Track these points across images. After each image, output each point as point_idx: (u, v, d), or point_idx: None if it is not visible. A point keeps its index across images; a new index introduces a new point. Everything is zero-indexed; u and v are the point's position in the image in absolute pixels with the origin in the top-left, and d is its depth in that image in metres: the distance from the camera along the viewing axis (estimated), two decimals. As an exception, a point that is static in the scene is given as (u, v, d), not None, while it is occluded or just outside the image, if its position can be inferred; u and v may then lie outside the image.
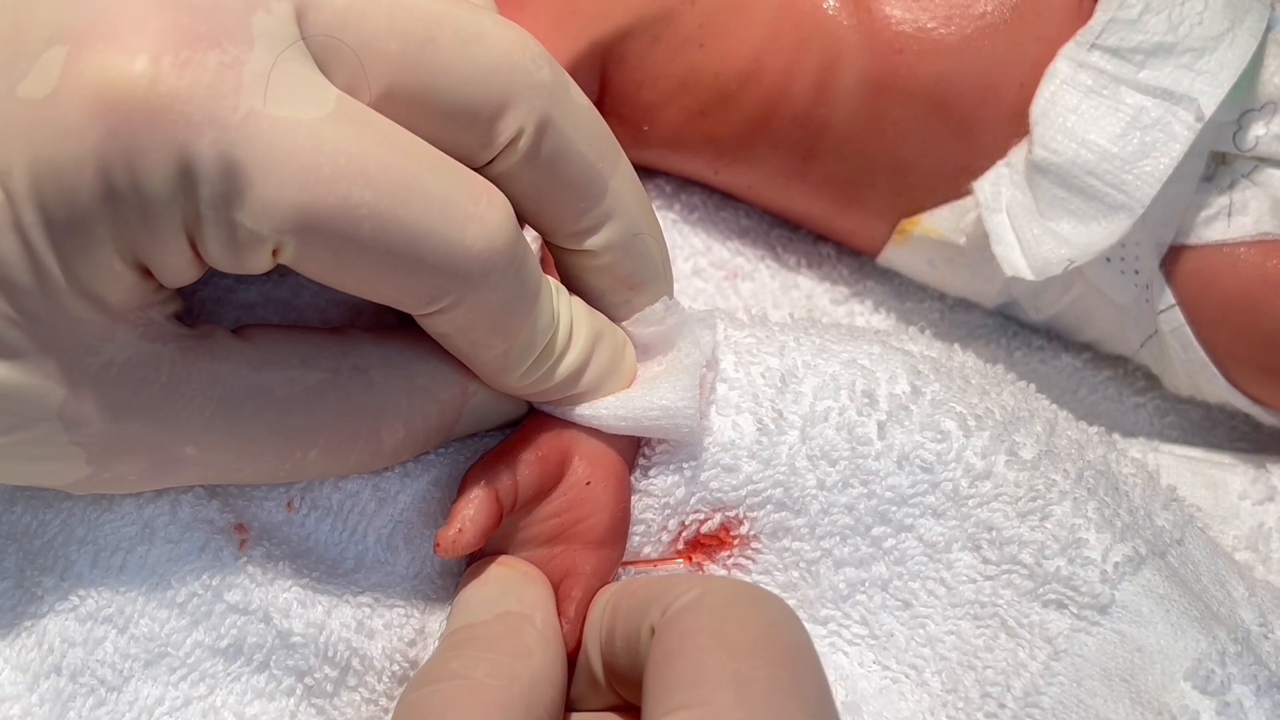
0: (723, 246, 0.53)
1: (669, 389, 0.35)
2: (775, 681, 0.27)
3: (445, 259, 0.29)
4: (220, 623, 0.33)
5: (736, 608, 0.29)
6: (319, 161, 0.27)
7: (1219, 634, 0.35)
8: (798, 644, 0.29)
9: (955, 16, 0.46)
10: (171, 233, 0.27)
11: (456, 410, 0.34)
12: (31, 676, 0.32)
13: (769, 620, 0.29)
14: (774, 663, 0.28)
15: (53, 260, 0.27)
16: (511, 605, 0.33)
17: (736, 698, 0.27)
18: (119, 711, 0.32)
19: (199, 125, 0.26)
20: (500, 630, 0.32)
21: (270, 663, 0.33)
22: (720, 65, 0.48)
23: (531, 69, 0.31)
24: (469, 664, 0.31)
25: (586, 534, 0.35)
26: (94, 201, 0.26)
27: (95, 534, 0.33)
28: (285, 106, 0.27)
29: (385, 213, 0.28)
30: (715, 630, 0.29)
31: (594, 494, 0.35)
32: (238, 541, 0.33)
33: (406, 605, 0.35)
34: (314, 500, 0.35)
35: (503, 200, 0.30)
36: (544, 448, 0.35)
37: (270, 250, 0.28)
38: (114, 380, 0.29)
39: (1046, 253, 0.44)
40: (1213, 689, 0.33)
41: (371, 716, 0.34)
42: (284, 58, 0.27)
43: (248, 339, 0.32)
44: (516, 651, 0.32)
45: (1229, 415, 0.52)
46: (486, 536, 0.34)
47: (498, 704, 0.30)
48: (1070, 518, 0.35)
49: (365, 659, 0.34)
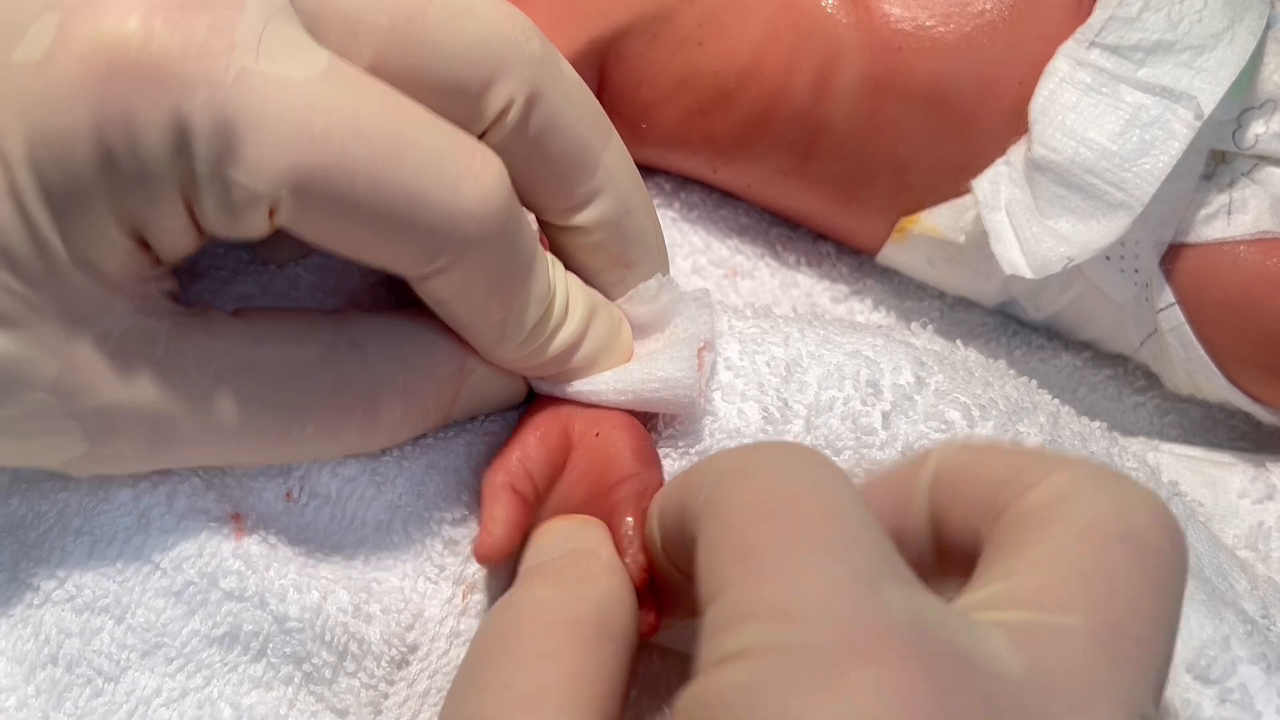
0: (722, 245, 0.53)
1: (667, 361, 0.35)
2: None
3: (440, 216, 0.29)
4: (216, 610, 0.33)
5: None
6: (312, 118, 0.27)
7: (1227, 615, 0.34)
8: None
9: (954, 15, 0.46)
10: (168, 196, 0.27)
11: (454, 387, 0.34)
12: (28, 667, 0.32)
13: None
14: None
15: (50, 227, 0.27)
16: (577, 544, 0.33)
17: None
18: (116, 702, 0.32)
19: (192, 84, 0.26)
20: (565, 562, 0.32)
21: (267, 650, 0.33)
22: (719, 64, 0.48)
23: (521, 40, 0.31)
24: (535, 589, 0.31)
25: (617, 474, 0.35)
26: (90, 165, 0.26)
27: (91, 524, 0.33)
28: (278, 65, 0.27)
29: (379, 169, 0.28)
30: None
31: (605, 441, 0.35)
32: (234, 530, 0.33)
33: (404, 591, 0.35)
34: (313, 489, 0.35)
35: (496, 160, 0.30)
36: (543, 427, 0.35)
37: (267, 211, 0.28)
38: (110, 352, 0.29)
39: (1046, 251, 0.44)
40: (1215, 676, 0.33)
41: (371, 702, 0.34)
42: (275, 20, 0.27)
43: (243, 318, 0.32)
44: (581, 577, 0.31)
45: (1229, 414, 0.52)
46: (521, 532, 0.33)
47: (565, 620, 0.30)
48: None
49: (363, 643, 0.34)
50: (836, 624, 0.22)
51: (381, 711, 0.34)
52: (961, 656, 0.23)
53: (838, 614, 0.23)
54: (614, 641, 0.30)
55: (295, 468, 0.35)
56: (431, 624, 0.35)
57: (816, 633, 0.22)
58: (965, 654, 0.23)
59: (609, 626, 0.30)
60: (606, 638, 0.30)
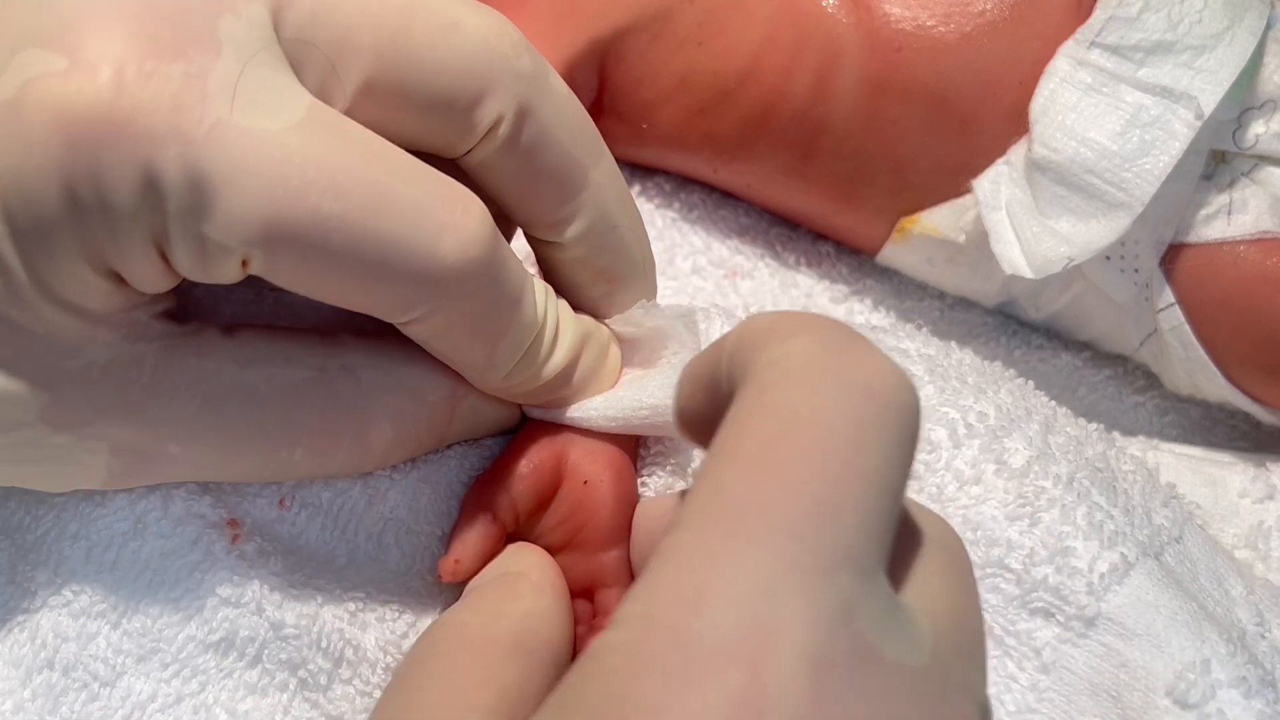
0: (722, 245, 0.53)
1: (656, 388, 0.35)
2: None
3: (418, 270, 0.28)
4: (212, 616, 0.33)
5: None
6: (287, 173, 0.26)
7: (1210, 636, 0.34)
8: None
9: (954, 14, 0.46)
10: (140, 245, 0.27)
11: (447, 413, 0.34)
12: (24, 671, 0.32)
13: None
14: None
15: (20, 267, 0.27)
16: (509, 568, 0.33)
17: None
18: (111, 707, 0.32)
19: (163, 138, 0.25)
20: (493, 585, 0.33)
21: (263, 656, 0.33)
22: (719, 63, 0.48)
23: (510, 56, 0.31)
24: (458, 613, 0.31)
25: (593, 536, 0.35)
26: (58, 213, 0.26)
27: (88, 529, 0.33)
28: (253, 115, 0.26)
29: (356, 224, 0.27)
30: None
31: (593, 494, 0.35)
32: (230, 536, 0.33)
33: (398, 600, 0.35)
34: (304, 499, 0.35)
35: (479, 207, 0.30)
36: (536, 458, 0.35)
37: (239, 262, 0.27)
38: (95, 382, 0.29)
39: (1046, 251, 0.44)
40: (1194, 700, 0.33)
41: (365, 709, 0.34)
42: (253, 63, 0.27)
43: (235, 337, 0.32)
44: (506, 597, 0.31)
45: (1229, 414, 0.52)
46: (486, 561, 0.34)
47: (482, 637, 0.30)
48: (1059, 525, 0.35)
49: (359, 649, 0.34)
50: (738, 626, 0.22)
51: None
52: (866, 657, 0.22)
53: (740, 619, 0.22)
54: (532, 654, 0.30)
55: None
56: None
57: (713, 628, 0.22)
58: (874, 651, 0.22)
59: (528, 639, 0.30)
60: (524, 650, 0.30)
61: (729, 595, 0.22)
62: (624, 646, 0.22)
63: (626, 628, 0.22)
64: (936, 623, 0.25)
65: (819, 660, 0.21)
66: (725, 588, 0.22)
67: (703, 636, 0.21)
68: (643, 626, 0.22)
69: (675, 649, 0.21)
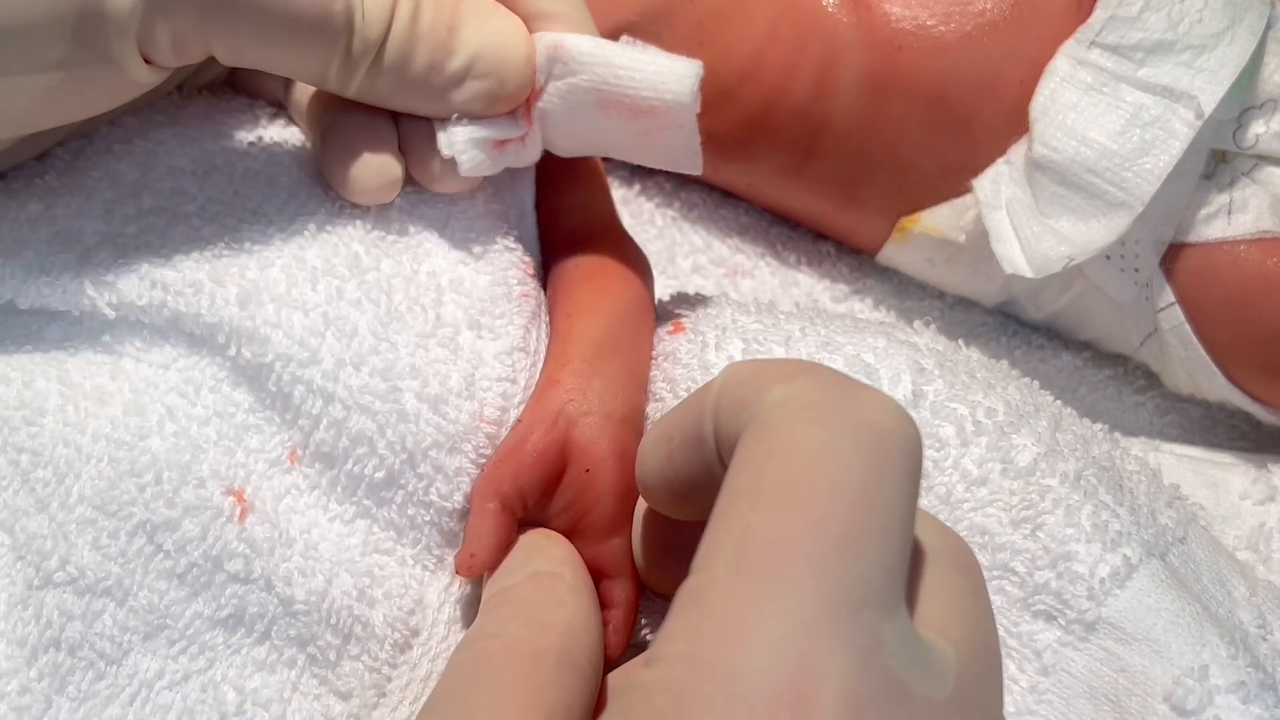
0: (722, 244, 0.53)
1: (663, 57, 0.35)
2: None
3: None
4: (220, 593, 0.32)
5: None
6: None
7: (1210, 639, 0.34)
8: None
9: (955, 14, 0.46)
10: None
11: None
12: (30, 650, 0.31)
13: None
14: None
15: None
16: (540, 565, 0.33)
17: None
18: (118, 685, 0.32)
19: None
20: (531, 588, 0.32)
21: (271, 633, 0.33)
22: (720, 63, 0.48)
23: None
24: (502, 623, 0.31)
25: (596, 523, 0.35)
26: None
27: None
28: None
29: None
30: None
31: (594, 481, 0.35)
32: (238, 512, 0.33)
33: (405, 577, 0.35)
34: (315, 455, 0.34)
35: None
36: (540, 444, 0.35)
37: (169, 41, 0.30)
38: None
39: (1046, 250, 0.44)
40: (1191, 707, 0.33)
41: (375, 685, 0.34)
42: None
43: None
44: (548, 605, 0.31)
45: (1229, 414, 0.52)
46: (502, 551, 0.34)
47: (529, 654, 0.30)
48: (1062, 528, 0.35)
49: (367, 626, 0.34)
50: (782, 668, 0.22)
51: (386, 694, 0.34)
52: (896, 692, 0.23)
53: (784, 660, 0.22)
54: (577, 669, 0.30)
55: (293, 432, 0.34)
56: (431, 609, 0.35)
57: (756, 670, 0.22)
58: (903, 687, 0.23)
59: (572, 654, 0.30)
60: (569, 665, 0.30)
61: (769, 636, 0.22)
62: (671, 687, 0.22)
63: (669, 667, 0.23)
64: (956, 649, 0.25)
65: (858, 699, 0.22)
66: (765, 628, 0.22)
67: (747, 678, 0.22)
68: (687, 668, 0.22)
69: (722, 691, 0.22)
